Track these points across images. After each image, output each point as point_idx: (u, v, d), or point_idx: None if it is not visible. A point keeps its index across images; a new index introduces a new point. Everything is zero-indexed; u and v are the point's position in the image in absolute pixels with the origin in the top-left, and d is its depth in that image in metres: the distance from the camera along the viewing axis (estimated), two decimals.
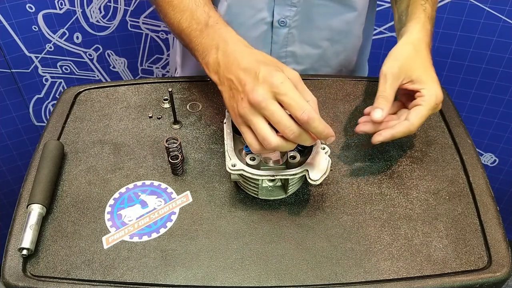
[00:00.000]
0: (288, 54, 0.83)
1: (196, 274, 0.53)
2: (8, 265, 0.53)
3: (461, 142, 0.68)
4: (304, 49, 0.82)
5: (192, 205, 0.60)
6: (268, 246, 0.55)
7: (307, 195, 0.61)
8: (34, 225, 0.54)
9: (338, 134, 0.69)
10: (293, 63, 0.84)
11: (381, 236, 0.57)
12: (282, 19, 0.77)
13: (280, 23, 0.78)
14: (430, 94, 0.62)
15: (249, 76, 0.52)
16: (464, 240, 0.56)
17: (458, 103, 1.22)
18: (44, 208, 0.57)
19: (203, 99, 0.75)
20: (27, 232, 0.54)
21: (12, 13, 1.08)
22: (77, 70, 1.26)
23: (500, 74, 1.18)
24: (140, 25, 1.22)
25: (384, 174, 0.64)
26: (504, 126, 1.27)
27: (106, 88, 0.77)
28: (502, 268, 0.53)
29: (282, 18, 0.77)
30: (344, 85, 0.78)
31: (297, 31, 0.79)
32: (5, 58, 1.14)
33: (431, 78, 0.63)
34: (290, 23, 0.78)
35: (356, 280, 0.52)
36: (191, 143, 0.68)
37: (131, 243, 0.56)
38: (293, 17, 0.77)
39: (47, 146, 0.63)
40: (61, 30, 1.16)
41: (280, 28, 0.79)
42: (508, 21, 1.08)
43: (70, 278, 0.52)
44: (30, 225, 0.54)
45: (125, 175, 0.63)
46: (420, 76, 0.63)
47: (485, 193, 0.61)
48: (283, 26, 0.78)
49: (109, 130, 0.70)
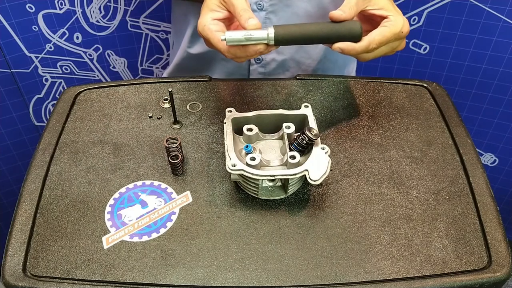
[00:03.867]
0: None
1: (196, 274, 0.53)
2: (8, 265, 0.53)
3: (461, 142, 0.68)
4: None
5: (192, 205, 0.60)
6: (268, 246, 0.55)
7: (307, 195, 0.61)
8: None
9: (338, 134, 0.69)
10: (273, 52, 0.83)
11: (381, 236, 0.57)
12: (259, 2, 0.78)
13: (258, 6, 0.78)
14: (397, 20, 0.63)
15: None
16: (464, 240, 0.56)
17: (458, 103, 1.22)
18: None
19: (203, 99, 0.75)
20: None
21: (12, 13, 1.08)
22: (77, 70, 1.26)
23: (500, 74, 1.18)
24: (140, 25, 1.22)
25: (384, 174, 0.64)
26: (504, 126, 1.27)
27: (106, 88, 0.77)
28: (502, 268, 0.53)
29: (259, 1, 0.78)
30: (344, 85, 0.78)
31: (275, 16, 0.79)
32: (5, 58, 1.14)
33: (398, 11, 0.65)
34: (266, 7, 0.78)
35: (356, 280, 0.52)
36: (191, 143, 0.68)
37: (131, 243, 0.56)
38: (269, 0, 0.78)
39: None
40: (61, 30, 1.16)
41: (258, 12, 0.79)
42: (508, 21, 1.08)
43: (70, 278, 0.52)
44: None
45: (125, 175, 0.63)
46: (388, 5, 0.65)
47: (485, 193, 0.61)
48: (260, 9, 0.79)
49: (109, 130, 0.70)
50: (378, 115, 0.73)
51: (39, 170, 0.64)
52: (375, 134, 0.70)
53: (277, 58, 0.84)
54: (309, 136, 0.57)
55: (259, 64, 0.84)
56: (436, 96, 0.76)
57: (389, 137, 0.69)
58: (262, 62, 0.84)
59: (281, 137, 0.63)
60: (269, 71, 0.86)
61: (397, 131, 0.70)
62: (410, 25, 1.15)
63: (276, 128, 0.64)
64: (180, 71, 0.94)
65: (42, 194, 0.61)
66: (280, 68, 0.86)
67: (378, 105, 0.74)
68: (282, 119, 0.63)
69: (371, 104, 0.75)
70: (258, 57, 0.82)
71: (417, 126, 0.71)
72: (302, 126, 0.63)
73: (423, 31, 1.16)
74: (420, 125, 0.71)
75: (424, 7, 1.12)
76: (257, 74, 0.86)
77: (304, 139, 0.58)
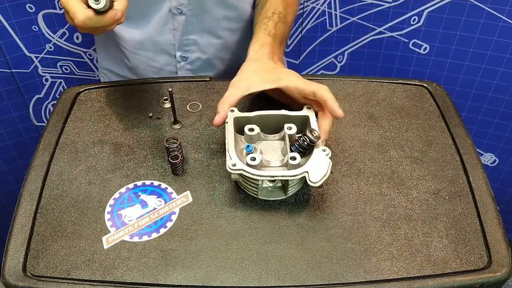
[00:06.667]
0: (191, 42, 0.85)
1: (196, 274, 0.53)
2: (8, 265, 0.53)
3: (461, 142, 0.68)
4: (205, 38, 0.85)
5: (192, 205, 0.60)
6: (268, 246, 0.55)
7: (307, 195, 0.61)
8: None
9: (338, 134, 0.69)
10: (197, 51, 0.87)
11: (381, 236, 0.57)
12: (178, 6, 0.80)
13: (177, 10, 0.80)
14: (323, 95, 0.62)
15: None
16: (464, 240, 0.56)
17: (458, 103, 1.22)
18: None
19: (203, 99, 0.75)
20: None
21: (12, 13, 1.08)
22: (77, 70, 1.25)
23: (500, 74, 1.17)
24: None
25: (384, 174, 0.64)
26: (504, 126, 1.27)
27: (106, 88, 0.77)
28: (502, 268, 0.53)
29: (178, 5, 0.80)
30: (344, 85, 0.78)
31: (195, 19, 0.82)
32: (5, 58, 1.14)
33: (283, 73, 0.66)
34: (186, 11, 0.80)
35: (356, 280, 0.52)
36: (191, 143, 0.68)
37: (131, 243, 0.56)
38: (187, 5, 0.80)
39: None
40: (61, 30, 1.16)
41: (178, 15, 0.81)
42: (508, 21, 1.08)
43: (70, 278, 0.52)
44: None
45: (125, 175, 0.63)
46: (277, 78, 0.65)
47: (485, 193, 0.61)
48: (180, 13, 0.80)
49: (109, 130, 0.70)
50: (378, 115, 0.73)
51: (39, 170, 0.64)
52: (375, 134, 0.70)
53: (202, 57, 0.87)
54: (310, 138, 0.57)
55: (186, 61, 0.87)
56: (436, 96, 0.76)
57: (389, 137, 0.69)
58: (188, 59, 0.87)
59: (282, 137, 0.63)
60: (196, 68, 0.89)
61: (397, 131, 0.70)
62: (410, 25, 1.15)
63: (277, 128, 0.64)
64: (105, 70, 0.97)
65: (42, 194, 0.61)
66: (206, 65, 0.89)
67: (378, 105, 0.74)
68: (284, 120, 0.63)
69: (371, 104, 0.75)
70: (184, 55, 0.86)
71: (417, 126, 0.71)
72: (303, 128, 0.63)
73: (423, 31, 1.16)
74: (420, 125, 0.71)
75: (424, 7, 1.12)
76: (185, 71, 0.89)
77: (305, 141, 0.58)
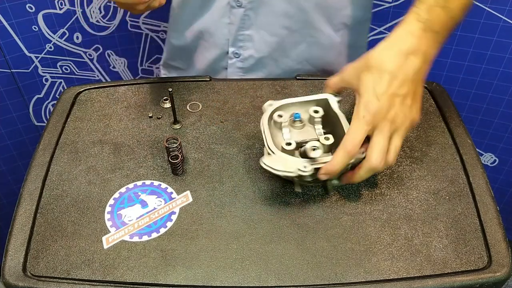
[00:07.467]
0: (246, 38, 0.83)
1: (196, 274, 0.53)
2: (8, 265, 0.53)
3: (461, 142, 0.68)
4: (261, 34, 0.82)
5: (192, 205, 0.60)
6: (268, 246, 0.55)
7: (307, 195, 0.61)
8: None
9: None
10: (251, 48, 0.84)
11: (381, 236, 0.57)
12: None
13: (236, 3, 0.78)
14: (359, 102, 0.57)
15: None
16: (464, 240, 0.56)
17: (458, 103, 1.22)
18: None
19: (203, 99, 0.75)
20: None
21: (12, 13, 1.08)
22: (77, 70, 1.26)
23: (500, 74, 1.18)
24: (140, 25, 1.22)
25: (384, 174, 0.64)
26: (504, 126, 1.27)
27: (106, 88, 0.77)
28: (502, 268, 0.53)
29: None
30: None
31: (253, 13, 0.79)
32: (5, 58, 1.14)
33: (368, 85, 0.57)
34: (245, 4, 0.78)
35: (356, 280, 0.52)
36: (191, 143, 0.68)
37: (131, 243, 0.56)
38: None
39: None
40: (61, 30, 1.16)
41: (236, 8, 0.79)
42: (508, 21, 1.08)
43: (70, 278, 0.52)
44: None
45: (125, 175, 0.63)
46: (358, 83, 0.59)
47: (485, 193, 0.61)
48: (239, 6, 0.78)
49: (109, 130, 0.70)
50: None
51: (39, 170, 0.64)
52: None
53: (255, 55, 0.84)
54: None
55: (238, 58, 0.85)
56: (436, 96, 0.76)
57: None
58: (240, 57, 0.85)
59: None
60: (248, 67, 0.86)
61: None
62: None
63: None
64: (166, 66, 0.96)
65: (42, 194, 0.61)
66: (258, 65, 0.86)
67: None
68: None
69: None
70: (237, 51, 0.84)
71: (417, 126, 0.71)
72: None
73: None
74: (420, 125, 0.71)
75: None
76: (235, 69, 0.86)
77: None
